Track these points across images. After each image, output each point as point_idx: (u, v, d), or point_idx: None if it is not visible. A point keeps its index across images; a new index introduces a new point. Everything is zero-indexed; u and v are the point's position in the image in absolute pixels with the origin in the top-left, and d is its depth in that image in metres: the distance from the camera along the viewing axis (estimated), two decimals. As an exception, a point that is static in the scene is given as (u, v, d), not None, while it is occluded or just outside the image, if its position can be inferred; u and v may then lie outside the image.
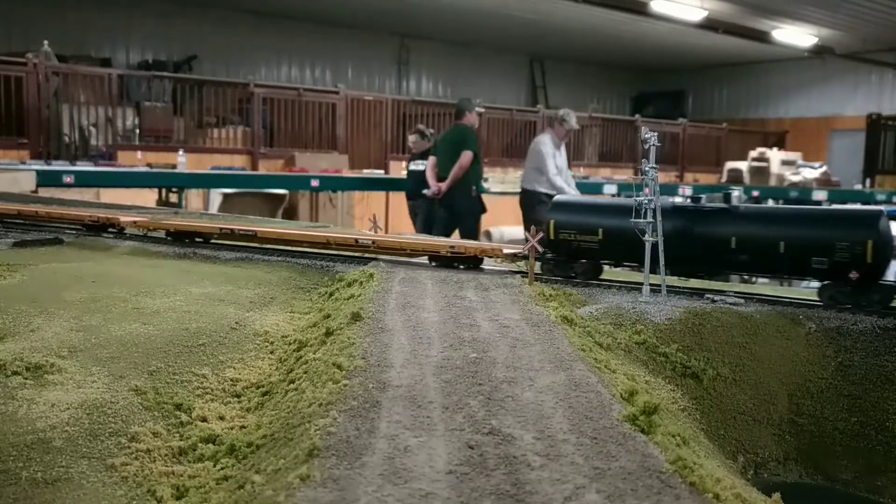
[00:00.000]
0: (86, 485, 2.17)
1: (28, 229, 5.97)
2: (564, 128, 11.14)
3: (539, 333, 3.01)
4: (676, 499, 1.64)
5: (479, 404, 2.19)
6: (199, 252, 5.22)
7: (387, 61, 26.06)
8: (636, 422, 2.07)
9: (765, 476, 3.18)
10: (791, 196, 18.44)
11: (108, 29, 20.83)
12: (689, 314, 3.52)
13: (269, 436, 2.25)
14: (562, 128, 11.13)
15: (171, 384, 2.77)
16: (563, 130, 11.16)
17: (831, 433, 3.31)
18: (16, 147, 13.08)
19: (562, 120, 11.12)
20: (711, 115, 29.86)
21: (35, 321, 3.26)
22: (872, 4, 19.49)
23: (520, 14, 21.88)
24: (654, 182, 3.78)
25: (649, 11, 18.67)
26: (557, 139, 11.14)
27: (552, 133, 11.19)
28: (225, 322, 3.37)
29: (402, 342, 2.80)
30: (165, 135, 15.58)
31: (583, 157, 19.80)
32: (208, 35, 22.00)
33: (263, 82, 18.60)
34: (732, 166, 20.42)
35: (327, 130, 16.97)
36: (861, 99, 26.93)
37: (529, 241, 4.13)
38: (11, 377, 2.61)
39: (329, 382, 2.33)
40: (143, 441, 2.39)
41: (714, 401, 3.23)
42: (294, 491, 1.64)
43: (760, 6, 19.68)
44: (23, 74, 13.07)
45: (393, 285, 3.89)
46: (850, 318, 3.62)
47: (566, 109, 11.58)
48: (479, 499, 1.62)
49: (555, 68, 29.57)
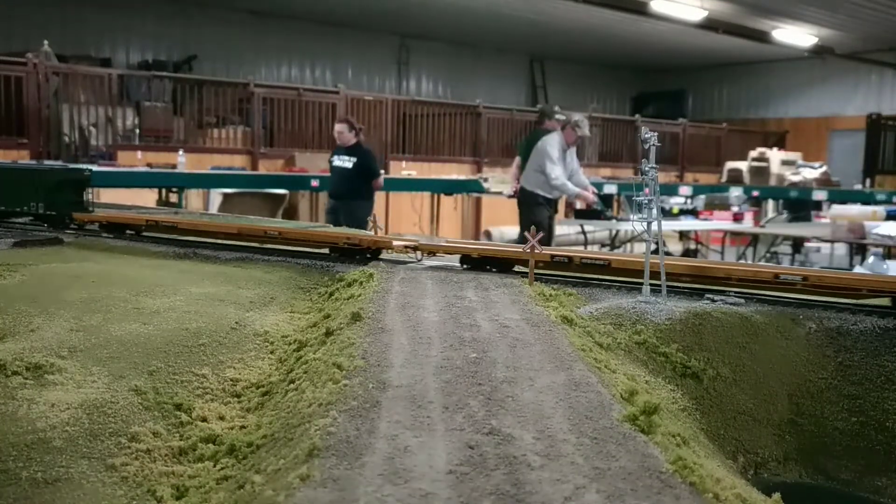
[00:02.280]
0: (86, 485, 2.17)
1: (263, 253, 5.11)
2: (577, 133, 11.06)
3: (539, 333, 3.01)
4: (676, 499, 1.64)
5: (479, 404, 2.19)
6: (199, 252, 5.23)
7: (387, 61, 26.06)
8: (636, 422, 2.07)
9: (765, 476, 3.18)
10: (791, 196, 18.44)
11: (108, 29, 20.83)
12: (689, 314, 3.52)
13: (269, 436, 2.25)
14: (574, 133, 11.05)
15: (171, 384, 2.77)
16: (575, 136, 11.09)
17: (831, 433, 3.31)
18: (16, 147, 13.08)
19: (576, 125, 11.05)
20: (711, 115, 29.86)
21: (35, 321, 3.26)
22: (872, 4, 19.49)
23: (520, 14, 21.87)
24: (654, 182, 3.78)
25: (649, 11, 18.67)
26: (566, 143, 11.07)
27: (561, 136, 11.11)
28: (225, 322, 3.37)
29: (402, 342, 2.80)
30: (165, 135, 15.58)
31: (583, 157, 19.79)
32: (208, 35, 22.01)
33: (263, 82, 18.60)
34: (732, 166, 20.42)
35: (327, 130, 16.96)
36: (861, 99, 26.93)
37: (529, 241, 4.13)
38: (11, 377, 2.61)
39: (329, 382, 2.33)
40: (143, 441, 2.39)
41: (714, 401, 3.23)
42: (294, 491, 1.64)
43: (760, 6, 19.68)
44: (23, 74, 13.07)
45: (393, 285, 3.89)
46: (850, 318, 3.62)
47: (580, 115, 11.57)
48: (479, 499, 1.62)
49: (555, 68, 29.57)
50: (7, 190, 6.22)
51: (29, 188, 6.05)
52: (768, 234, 14.07)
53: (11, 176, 6.42)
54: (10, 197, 6.19)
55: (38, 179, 6.07)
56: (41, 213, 6.05)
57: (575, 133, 11.02)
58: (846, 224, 11.30)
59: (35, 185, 6.01)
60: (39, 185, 6.01)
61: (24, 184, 6.10)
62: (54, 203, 5.95)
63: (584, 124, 11.13)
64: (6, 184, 6.26)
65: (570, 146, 11.12)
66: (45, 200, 6.02)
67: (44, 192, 5.98)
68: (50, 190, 5.96)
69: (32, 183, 6.04)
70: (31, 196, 6.02)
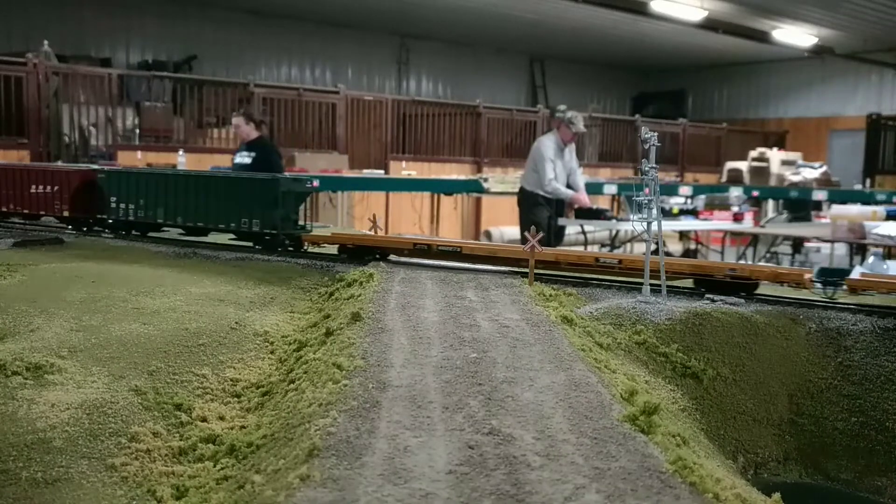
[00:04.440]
0: (86, 485, 2.17)
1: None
2: (571, 130, 11.07)
3: (539, 333, 3.01)
4: (676, 499, 1.64)
5: (479, 404, 2.19)
6: (199, 252, 5.23)
7: (387, 61, 26.05)
8: (636, 422, 2.07)
9: (765, 476, 3.18)
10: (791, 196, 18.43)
11: (108, 29, 20.82)
12: (689, 314, 3.52)
13: (269, 436, 2.25)
14: (569, 130, 11.06)
15: (171, 384, 2.77)
16: (570, 133, 11.10)
17: (831, 433, 3.31)
18: (16, 147, 13.06)
19: (569, 122, 11.05)
20: (711, 115, 29.85)
21: (35, 321, 3.26)
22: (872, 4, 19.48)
23: (520, 14, 21.87)
24: (654, 182, 3.78)
25: (649, 11, 18.66)
26: (562, 142, 11.07)
27: (557, 135, 11.12)
28: (225, 322, 3.37)
29: (402, 342, 2.80)
30: (165, 135, 15.56)
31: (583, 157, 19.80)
32: (208, 35, 21.99)
33: (263, 82, 18.58)
34: (732, 166, 20.41)
35: (327, 130, 16.95)
36: (861, 99, 26.91)
37: (529, 241, 4.13)
38: (11, 377, 2.61)
39: (329, 382, 2.33)
40: (143, 441, 2.39)
41: (714, 401, 3.23)
42: (294, 491, 1.64)
43: (760, 6, 19.68)
44: (23, 74, 13.06)
45: (393, 285, 3.89)
46: (850, 318, 3.62)
47: (574, 112, 11.55)
48: (479, 499, 1.62)
49: (555, 68, 29.56)
50: (206, 202, 5.26)
51: (236, 200, 5.07)
52: (768, 234, 14.07)
53: (217, 185, 5.28)
54: (209, 210, 5.24)
55: (251, 190, 5.04)
56: (253, 231, 5.05)
57: (570, 130, 11.02)
58: (846, 224, 11.30)
59: (246, 197, 5.03)
60: (253, 198, 5.01)
61: (230, 195, 5.13)
62: (269, 220, 4.95)
63: (577, 119, 11.12)
64: (208, 194, 5.26)
65: (568, 143, 11.11)
66: (261, 217, 4.97)
67: (259, 207, 4.98)
68: (267, 203, 4.95)
69: (243, 194, 5.06)
70: (238, 210, 5.07)
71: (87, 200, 5.87)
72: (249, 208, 5.01)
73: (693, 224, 14.00)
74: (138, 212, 5.54)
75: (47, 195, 6.00)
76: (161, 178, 5.54)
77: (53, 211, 6.01)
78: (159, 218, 5.47)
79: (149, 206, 5.49)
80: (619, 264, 4.23)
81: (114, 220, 5.76)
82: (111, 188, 5.68)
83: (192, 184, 5.36)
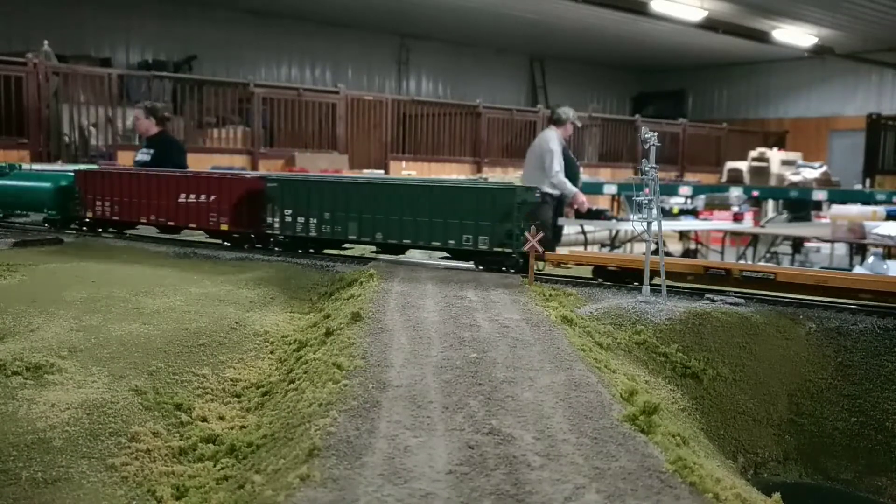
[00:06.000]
0: (86, 485, 2.17)
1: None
2: (570, 128, 11.14)
3: (539, 333, 3.01)
4: (676, 499, 1.64)
5: (479, 404, 2.19)
6: (199, 252, 5.22)
7: (387, 61, 26.05)
8: (636, 422, 2.07)
9: (765, 476, 3.18)
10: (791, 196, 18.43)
11: (108, 29, 20.82)
12: (689, 314, 3.52)
13: (269, 436, 2.25)
14: (570, 127, 11.13)
15: (171, 384, 2.77)
16: (570, 130, 11.17)
17: (831, 433, 3.31)
18: (16, 147, 13.06)
19: (573, 121, 11.15)
20: (711, 115, 29.86)
21: (35, 321, 3.26)
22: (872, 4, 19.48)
23: (520, 14, 21.87)
24: (654, 182, 3.78)
25: (649, 11, 18.66)
26: (564, 139, 11.13)
27: (557, 132, 11.15)
28: (225, 322, 3.37)
29: (402, 342, 2.80)
30: (165, 135, 15.54)
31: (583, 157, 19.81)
32: (208, 35, 21.99)
33: (263, 82, 18.58)
34: (732, 166, 20.42)
35: (327, 130, 16.95)
36: (861, 99, 26.92)
37: (529, 241, 4.13)
38: (11, 377, 2.61)
39: (329, 382, 2.34)
40: (144, 441, 2.39)
41: (714, 401, 3.23)
42: (294, 491, 1.64)
43: (760, 6, 19.68)
44: (23, 74, 13.06)
45: (393, 285, 3.89)
46: (850, 318, 3.62)
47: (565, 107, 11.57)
48: (479, 499, 1.62)
49: (555, 68, 29.56)
50: (413, 215, 4.61)
51: (456, 213, 4.48)
52: (768, 234, 14.07)
53: (429, 196, 4.61)
54: (418, 225, 4.60)
55: (477, 202, 4.44)
56: (480, 249, 4.45)
57: (570, 127, 11.09)
58: (846, 224, 11.30)
59: (471, 210, 4.44)
60: (480, 210, 4.42)
61: (446, 207, 4.52)
62: (501, 235, 4.38)
63: (569, 112, 11.18)
64: (415, 206, 4.62)
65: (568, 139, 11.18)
66: (490, 232, 4.38)
67: (487, 220, 4.40)
68: (498, 217, 4.38)
69: (466, 206, 4.47)
70: (460, 225, 4.48)
71: (252, 213, 5.14)
72: (476, 222, 4.42)
73: (693, 224, 14.00)
74: (322, 227, 4.88)
75: (200, 206, 5.28)
76: (352, 188, 4.86)
77: (206, 224, 5.30)
78: (351, 234, 4.81)
79: (336, 220, 4.84)
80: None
81: (287, 237, 5.07)
82: (284, 199, 4.99)
83: (394, 194, 4.70)
